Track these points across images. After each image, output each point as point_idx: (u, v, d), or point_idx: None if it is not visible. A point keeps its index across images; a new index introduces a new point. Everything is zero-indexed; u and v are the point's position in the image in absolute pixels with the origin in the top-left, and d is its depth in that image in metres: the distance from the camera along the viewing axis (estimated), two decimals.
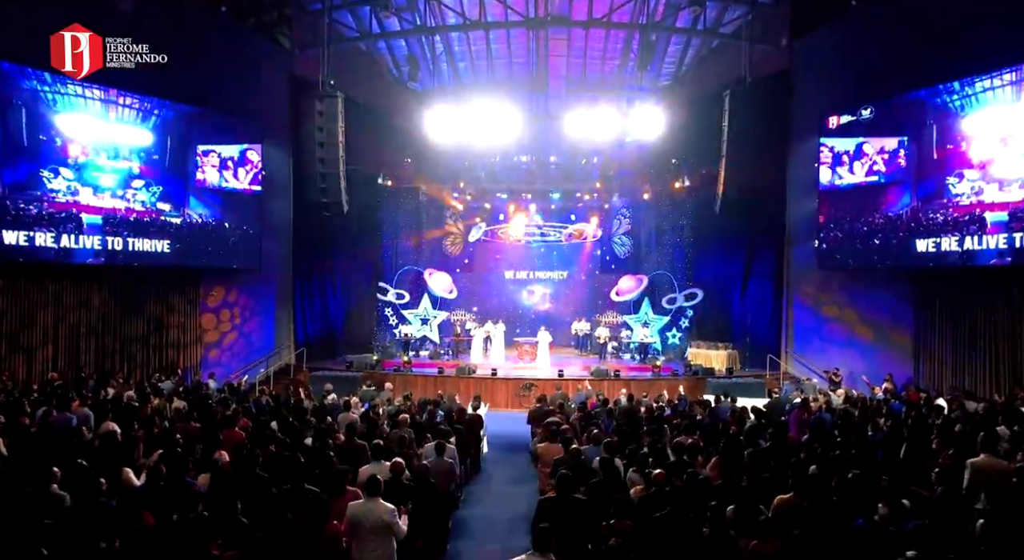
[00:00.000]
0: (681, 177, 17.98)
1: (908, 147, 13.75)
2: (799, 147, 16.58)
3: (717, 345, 17.81)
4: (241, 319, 17.15)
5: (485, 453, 12.00)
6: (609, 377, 16.03)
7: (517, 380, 16.33)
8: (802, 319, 17.26)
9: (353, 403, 9.95)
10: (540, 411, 10.39)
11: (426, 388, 16.30)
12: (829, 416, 10.09)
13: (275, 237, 17.83)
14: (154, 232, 14.09)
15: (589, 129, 17.95)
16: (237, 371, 16.74)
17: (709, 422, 8.40)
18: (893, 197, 14.08)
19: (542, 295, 22.76)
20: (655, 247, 21.54)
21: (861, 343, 15.47)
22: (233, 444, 7.11)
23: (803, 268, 17.03)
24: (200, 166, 15.18)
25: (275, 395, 10.72)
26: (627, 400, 10.49)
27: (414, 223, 21.78)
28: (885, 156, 14.20)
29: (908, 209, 13.70)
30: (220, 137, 15.47)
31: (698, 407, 10.12)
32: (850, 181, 14.83)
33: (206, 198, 15.37)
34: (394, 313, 21.23)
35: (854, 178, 14.79)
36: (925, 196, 13.38)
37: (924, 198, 13.42)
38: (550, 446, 7.32)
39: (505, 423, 13.86)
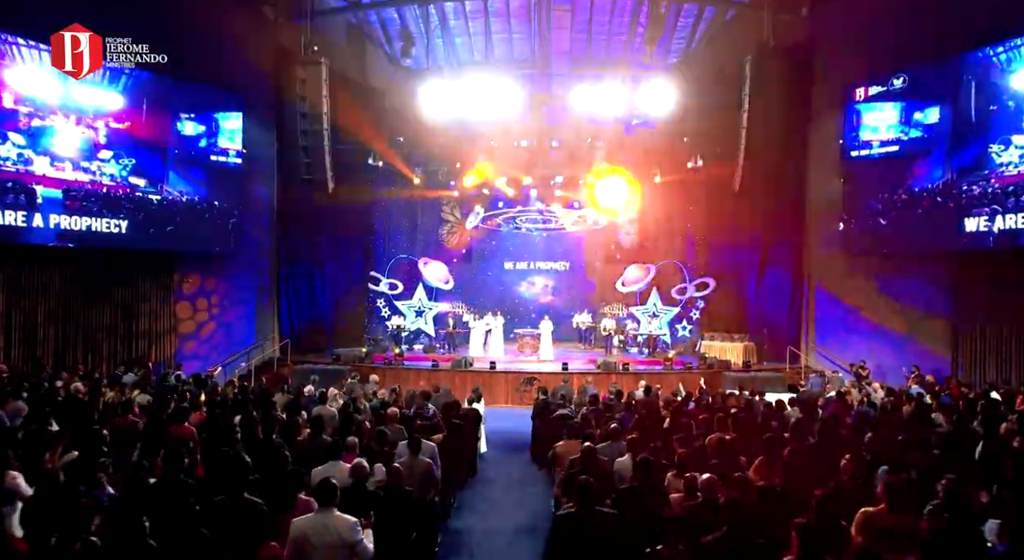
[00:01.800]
0: (693, 157, 16.74)
1: (942, 113, 12.57)
2: (821, 122, 15.36)
3: (732, 337, 16.59)
4: (220, 308, 15.92)
5: (483, 452, 10.79)
6: (617, 371, 14.81)
7: (518, 374, 15.11)
8: (824, 309, 16.05)
9: (331, 395, 8.72)
10: (544, 404, 9.17)
11: (419, 383, 15.07)
12: (872, 411, 8.89)
13: (258, 220, 16.63)
14: (124, 210, 12.86)
15: (595, 106, 16.80)
16: (216, 364, 15.51)
17: (745, 416, 7.18)
18: (926, 170, 12.92)
19: (543, 286, 21.50)
20: (663, 234, 20.30)
21: (891, 334, 14.25)
22: (178, 442, 5.90)
23: (826, 254, 15.84)
24: (180, 137, 13.95)
25: (244, 387, 9.50)
26: (645, 392, 9.26)
27: (408, 209, 20.54)
28: (916, 125, 13.03)
29: (942, 183, 12.53)
30: (200, 106, 14.21)
31: (732, 399, 8.92)
32: (878, 152, 13.66)
33: (188, 173, 14.14)
34: (387, 304, 19.99)
35: (883, 150, 13.63)
36: (961, 167, 12.21)
37: (960, 170, 12.24)
38: (570, 444, 6.12)
39: (505, 420, 12.66)
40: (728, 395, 9.06)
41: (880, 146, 13.66)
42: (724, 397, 8.89)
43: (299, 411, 8.09)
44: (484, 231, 21.48)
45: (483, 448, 10.86)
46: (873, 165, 13.88)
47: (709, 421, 6.81)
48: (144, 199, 13.30)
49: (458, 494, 8.10)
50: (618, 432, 5.88)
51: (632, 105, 16.96)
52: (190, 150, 14.23)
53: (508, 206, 21.16)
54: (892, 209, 13.46)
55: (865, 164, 14.04)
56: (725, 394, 9.09)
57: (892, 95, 13.51)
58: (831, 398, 9.88)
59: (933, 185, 12.72)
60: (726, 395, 9.01)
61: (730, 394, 9.08)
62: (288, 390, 9.13)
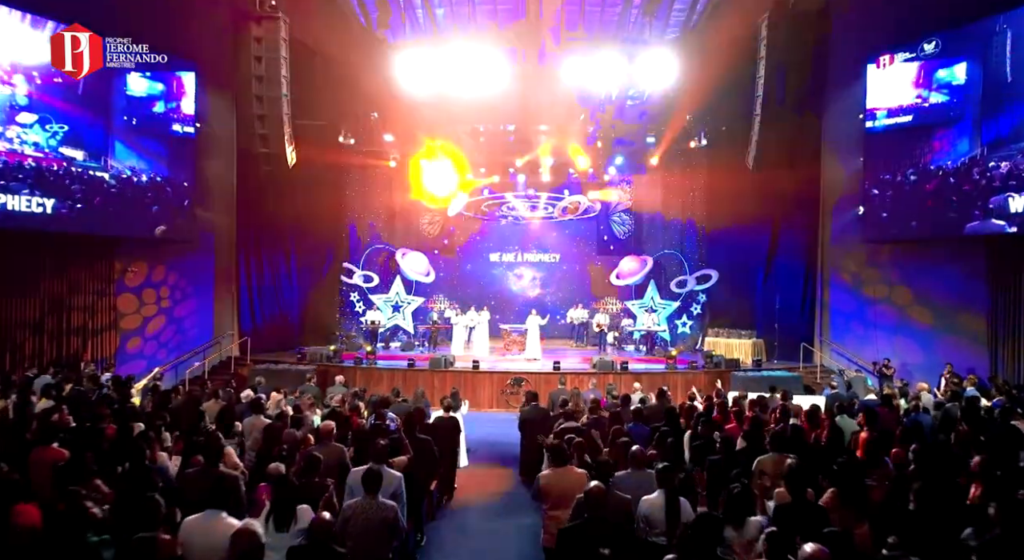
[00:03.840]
0: (696, 136, 15.27)
1: (971, 72, 11.23)
2: (839, 93, 13.92)
3: (740, 333, 15.13)
4: (171, 301, 14.20)
5: (464, 466, 9.22)
6: (615, 370, 13.30)
7: (504, 374, 13.55)
8: (840, 302, 14.64)
9: (273, 401, 7.10)
10: (534, 413, 7.61)
11: (393, 384, 13.47)
12: (927, 418, 7.45)
13: (215, 203, 14.91)
14: (55, 187, 11.14)
15: (588, 79, 15.27)
16: (165, 364, 13.82)
17: (780, 429, 5.67)
18: (950, 142, 11.58)
19: (532, 279, 19.98)
20: (661, 223, 18.84)
21: (917, 329, 12.88)
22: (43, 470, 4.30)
23: (842, 241, 14.43)
24: (129, 100, 12.24)
25: (165, 394, 7.82)
26: (658, 397, 7.67)
27: (385, 194, 18.89)
28: (943, 92, 11.67)
29: (969, 157, 11.21)
30: (147, 65, 12.47)
31: (750, 403, 7.38)
32: (901, 121, 12.29)
33: (140, 145, 12.48)
34: (361, 298, 18.35)
35: (904, 119, 12.26)
36: (994, 140, 10.87)
37: (993, 143, 10.89)
38: (562, 473, 4.51)
39: (489, 427, 11.14)
40: (753, 400, 7.56)
41: (903, 114, 12.28)
42: (752, 403, 7.39)
43: (233, 423, 6.50)
44: (468, 219, 19.91)
45: (463, 461, 9.30)
46: (896, 139, 12.49)
47: (749, 437, 5.27)
48: (82, 175, 11.59)
49: (428, 525, 6.53)
50: (641, 457, 4.33)
51: (629, 80, 15.43)
52: (142, 115, 12.53)
53: (493, 192, 19.60)
54: (917, 188, 12.08)
55: (887, 138, 12.63)
56: (749, 398, 7.59)
57: (918, 62, 12.12)
58: (871, 403, 8.43)
59: (960, 159, 11.38)
60: (752, 400, 7.51)
61: (757, 398, 7.59)
62: (223, 396, 7.51)
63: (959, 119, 11.51)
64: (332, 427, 5.23)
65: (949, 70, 11.62)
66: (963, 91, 11.39)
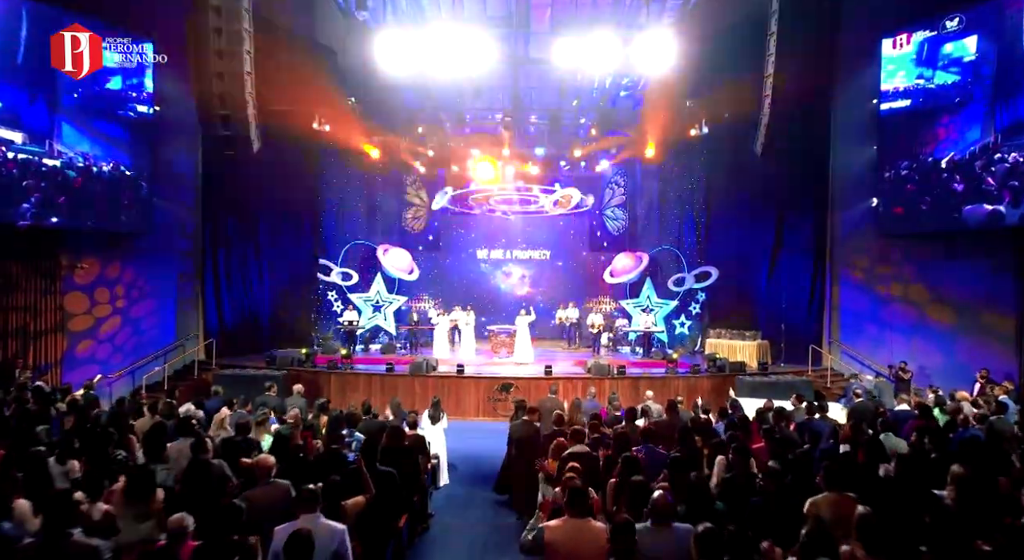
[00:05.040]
0: (697, 123, 14.26)
1: (986, 53, 10.39)
2: (850, 76, 12.97)
3: (743, 334, 14.13)
4: (127, 300, 12.98)
5: (444, 485, 8.15)
6: (611, 375, 12.26)
7: (491, 379, 12.46)
8: (851, 300, 13.70)
9: (218, 420, 5.97)
10: (523, 430, 6.52)
11: (370, 390, 12.39)
12: (978, 434, 6.45)
13: (177, 193, 13.75)
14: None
15: (581, 63, 14.20)
16: (121, 370, 12.63)
17: (833, 460, 4.61)
18: (977, 127, 10.68)
19: (521, 277, 18.91)
20: (657, 218, 17.84)
21: (937, 329, 11.96)
22: None
23: (853, 235, 13.51)
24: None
25: (82, 408, 6.61)
26: (668, 409, 6.55)
27: (365, 187, 17.75)
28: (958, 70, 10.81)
29: (991, 142, 10.35)
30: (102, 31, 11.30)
31: (773, 415, 6.33)
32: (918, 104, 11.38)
33: (92, 127, 11.33)
34: (339, 297, 17.19)
35: (924, 103, 11.36)
36: (1014, 123, 10.05)
37: (1009, 127, 10.08)
38: (578, 528, 3.30)
39: (475, 438, 10.06)
40: (776, 411, 6.52)
41: (922, 96, 11.37)
42: (778, 415, 6.34)
43: (164, 445, 5.37)
44: (454, 214, 18.81)
45: (444, 480, 8.22)
46: (914, 123, 11.57)
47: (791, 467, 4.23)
48: (23, 161, 10.39)
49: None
50: (663, 508, 3.20)
51: (625, 64, 14.37)
52: (94, 92, 11.32)
53: (480, 185, 18.49)
54: (937, 177, 11.17)
55: (904, 122, 11.71)
56: (776, 410, 6.53)
57: (937, 39, 11.21)
58: (904, 414, 7.44)
59: (984, 144, 10.50)
60: (779, 411, 6.46)
61: (777, 410, 6.54)
62: (161, 411, 6.32)
63: (967, 102, 10.71)
64: (270, 465, 4.11)
65: (958, 44, 10.76)
66: (981, 74, 10.52)
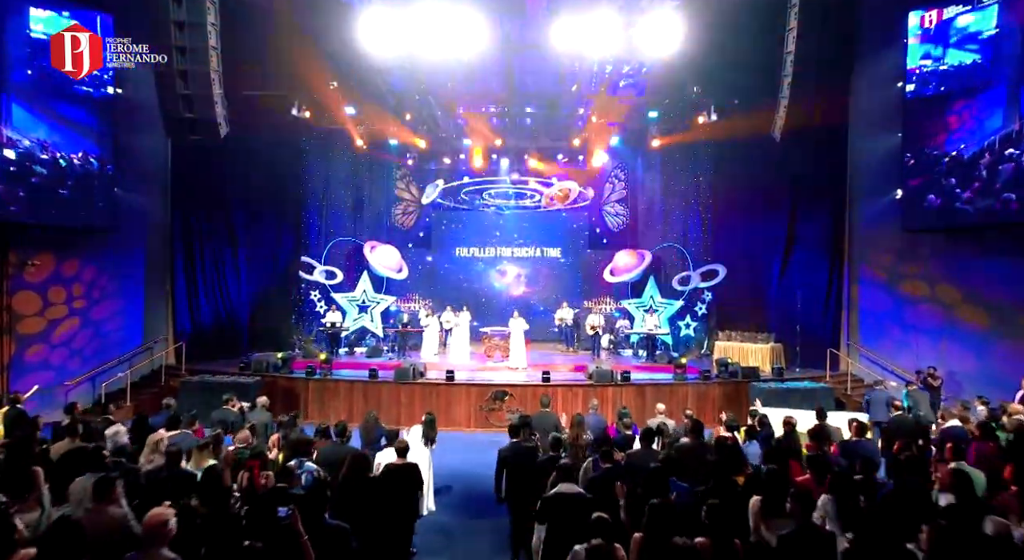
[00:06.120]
0: (705, 110, 13.28)
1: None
2: (872, 55, 11.99)
3: (755, 337, 13.15)
4: (87, 301, 11.90)
5: (429, 513, 7.11)
6: (614, 381, 11.25)
7: (484, 387, 11.42)
8: (872, 300, 12.75)
9: (150, 444, 4.91)
10: (515, 452, 5.47)
11: (351, 398, 11.35)
12: None
13: (144, 184, 12.68)
14: None
15: (580, 45, 13.16)
16: (79, 376, 11.55)
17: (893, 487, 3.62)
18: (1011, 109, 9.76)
19: (516, 276, 17.90)
20: (660, 213, 16.85)
21: (968, 332, 11.01)
22: None
23: (874, 230, 12.56)
24: (32, 47, 10.09)
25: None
26: (691, 430, 5.41)
27: (351, 178, 16.70)
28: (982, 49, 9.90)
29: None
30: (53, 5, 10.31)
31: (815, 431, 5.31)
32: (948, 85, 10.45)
33: (49, 109, 10.35)
34: (322, 297, 16.14)
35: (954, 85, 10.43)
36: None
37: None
38: None
39: (465, 453, 9.07)
40: (816, 432, 5.50)
41: (952, 76, 10.44)
42: (818, 436, 5.31)
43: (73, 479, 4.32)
44: (445, 209, 17.79)
45: (429, 506, 7.18)
46: (943, 106, 10.62)
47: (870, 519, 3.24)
48: None
49: None
50: None
51: (627, 47, 13.35)
52: (48, 70, 10.26)
53: (474, 178, 17.49)
54: (969, 165, 10.23)
55: (932, 106, 10.76)
56: (816, 430, 5.50)
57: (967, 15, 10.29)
58: (957, 432, 6.45)
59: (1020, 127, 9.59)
60: (820, 432, 5.43)
61: (816, 431, 5.50)
62: (83, 434, 5.24)
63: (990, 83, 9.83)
64: (163, 522, 2.97)
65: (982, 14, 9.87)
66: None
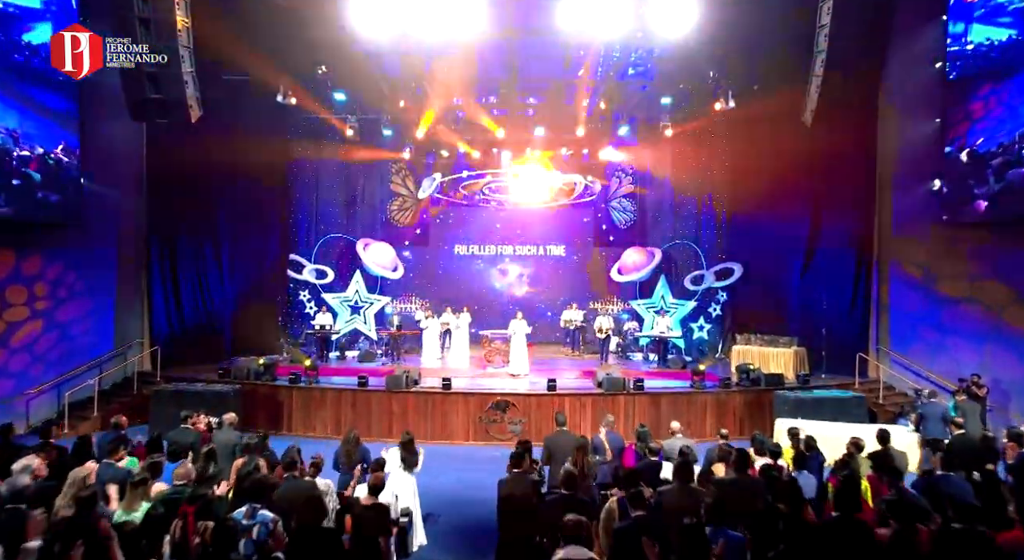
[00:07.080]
0: (723, 96, 12.31)
1: None
2: (907, 33, 11.01)
3: (776, 341, 12.15)
4: (52, 301, 10.95)
5: (421, 547, 6.14)
6: (627, 390, 10.26)
7: (483, 395, 10.42)
8: (905, 301, 11.76)
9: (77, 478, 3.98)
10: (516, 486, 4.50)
11: (338, 408, 10.38)
12: None
13: (115, 175, 11.74)
14: None
15: (587, 26, 12.20)
16: (42, 384, 10.61)
17: None
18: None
19: (519, 276, 16.94)
20: (671, 208, 15.88)
21: (1018, 336, 9.99)
22: None
23: (908, 224, 11.57)
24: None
25: None
26: (734, 464, 4.40)
27: (343, 172, 15.75)
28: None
29: None
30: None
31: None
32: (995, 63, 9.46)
33: (14, 91, 9.57)
34: (312, 298, 15.19)
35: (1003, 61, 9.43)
36: None
37: None
38: None
39: (462, 470, 8.15)
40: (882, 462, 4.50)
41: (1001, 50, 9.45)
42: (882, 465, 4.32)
43: None
44: (444, 204, 16.82)
45: (419, 541, 6.21)
46: (989, 87, 9.64)
47: None
48: None
49: None
50: None
51: (638, 28, 12.37)
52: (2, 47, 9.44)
53: (474, 171, 16.51)
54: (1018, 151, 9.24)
55: (976, 88, 9.78)
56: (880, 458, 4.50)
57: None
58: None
59: None
60: (885, 463, 4.44)
61: (882, 459, 4.52)
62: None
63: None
64: None
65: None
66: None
